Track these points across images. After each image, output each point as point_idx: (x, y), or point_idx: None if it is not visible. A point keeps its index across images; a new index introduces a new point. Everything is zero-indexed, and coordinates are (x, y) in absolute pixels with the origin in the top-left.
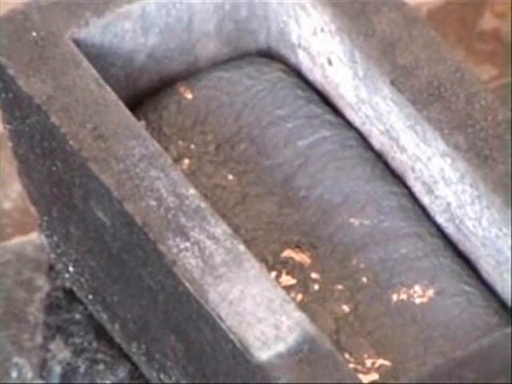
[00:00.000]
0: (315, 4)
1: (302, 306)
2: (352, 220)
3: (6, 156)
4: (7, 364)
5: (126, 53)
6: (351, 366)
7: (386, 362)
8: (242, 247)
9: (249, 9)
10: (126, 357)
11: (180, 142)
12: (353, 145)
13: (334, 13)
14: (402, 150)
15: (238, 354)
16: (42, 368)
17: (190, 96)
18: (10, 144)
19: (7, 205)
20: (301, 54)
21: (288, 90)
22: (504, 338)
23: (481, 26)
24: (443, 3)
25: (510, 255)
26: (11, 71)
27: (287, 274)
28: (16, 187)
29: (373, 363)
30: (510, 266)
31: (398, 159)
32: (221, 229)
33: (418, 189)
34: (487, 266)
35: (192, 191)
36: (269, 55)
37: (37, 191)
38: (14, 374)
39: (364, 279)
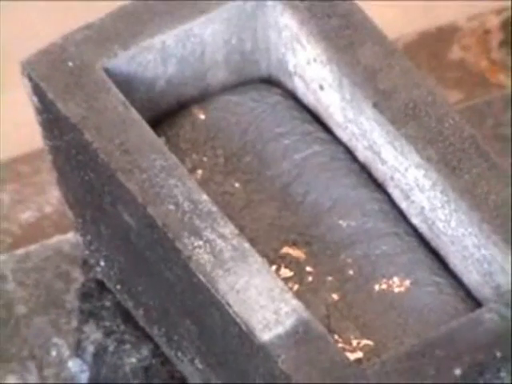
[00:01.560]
0: (309, 38)
1: (298, 295)
2: (340, 222)
3: (46, 168)
4: (48, 344)
5: (148, 80)
6: (340, 345)
7: (370, 342)
8: (246, 245)
9: (252, 43)
10: (148, 338)
11: (194, 156)
12: (341, 158)
13: (325, 46)
14: (383, 162)
15: (244, 336)
16: (77, 347)
17: (202, 116)
18: (49, 157)
19: (48, 209)
20: (296, 80)
21: (285, 111)
22: (469, 322)
23: (449, 57)
24: (417, 38)
25: (473, 251)
26: (51, 95)
27: (285, 267)
28: (55, 194)
29: (358, 343)
30: (474, 260)
31: (380, 170)
32: (229, 229)
33: (396, 195)
34: (455, 260)
35: (204, 197)
36: (269, 82)
37: (72, 197)
38: (54, 353)
39: (351, 272)
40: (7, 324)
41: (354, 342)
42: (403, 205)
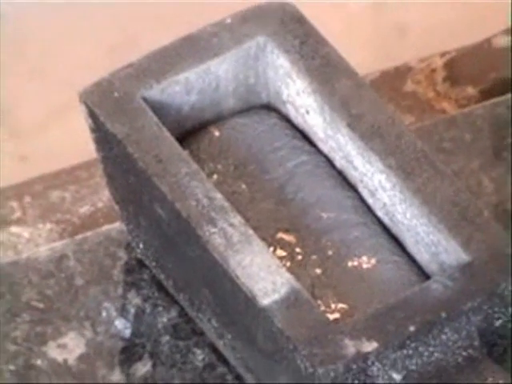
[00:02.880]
0: (298, 75)
1: (290, 270)
2: (322, 214)
3: (98, 173)
4: (99, 307)
5: (176, 107)
6: (321, 308)
7: (345, 306)
8: (250, 231)
9: (255, 78)
10: (176, 303)
11: (210, 164)
12: (323, 165)
13: (310, 80)
14: (355, 168)
15: (248, 301)
16: (122, 310)
17: (217, 134)
18: (101, 165)
19: (100, 204)
20: (289, 107)
21: (280, 130)
22: (421, 290)
23: (404, 89)
24: (380, 75)
25: (424, 237)
26: (101, 118)
27: (280, 249)
28: (105, 193)
29: (335, 307)
30: (424, 243)
31: (352, 175)
32: (237, 220)
33: (364, 194)
34: (409, 244)
35: (219, 195)
36: (268, 108)
37: (119, 196)
38: (104, 314)
39: (330, 252)
40: (69, 292)
41: (333, 306)
42: (370, 201)
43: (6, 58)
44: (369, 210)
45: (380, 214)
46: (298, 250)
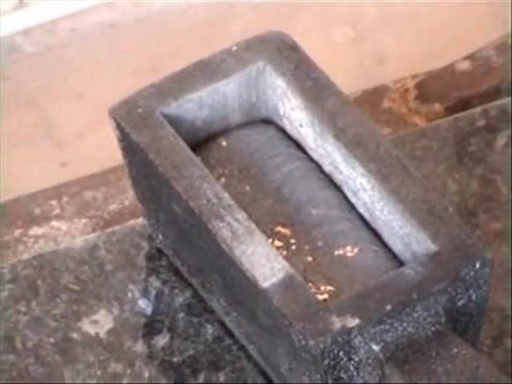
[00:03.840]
0: (293, 94)
1: (285, 258)
2: (313, 211)
3: (125, 176)
4: (126, 289)
5: (190, 120)
6: (312, 290)
7: (332, 288)
8: (253, 225)
9: (256, 96)
10: (190, 285)
11: (219, 169)
12: (313, 170)
13: (303, 99)
14: (340, 172)
15: (251, 284)
16: (144, 291)
17: (224, 143)
18: (127, 169)
19: (126, 203)
20: (285, 121)
21: (278, 140)
22: (396, 275)
23: (382, 106)
24: (362, 94)
25: (398, 230)
26: (127, 130)
27: (277, 240)
28: (131, 193)
29: (324, 289)
30: (398, 235)
31: (338, 178)
32: (241, 216)
33: (349, 194)
34: (386, 236)
35: (226, 195)
36: (267, 121)
37: (142, 195)
38: (129, 295)
39: (319, 243)
40: (100, 277)
41: (322, 288)
42: (353, 200)
43: (50, 82)
44: (352, 207)
45: (361, 210)
46: (292, 241)
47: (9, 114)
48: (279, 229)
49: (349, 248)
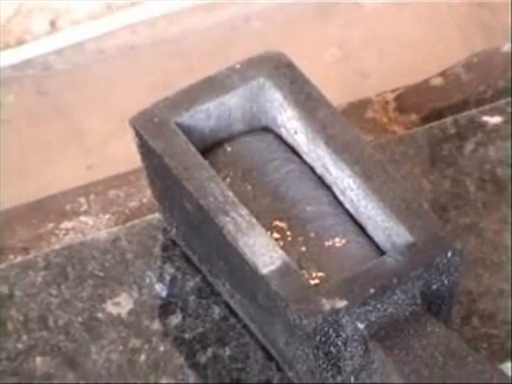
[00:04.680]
0: (289, 106)
1: (282, 248)
2: (307, 207)
3: (143, 177)
4: (144, 275)
5: (199, 129)
6: (306, 276)
7: (323, 274)
8: (254, 220)
9: (257, 108)
10: (199, 271)
11: (225, 171)
12: (307, 172)
13: (298, 110)
14: (330, 174)
15: (252, 270)
16: (160, 276)
17: (229, 149)
18: (145, 171)
19: (145, 200)
20: (282, 129)
21: (276, 146)
22: (378, 263)
23: (366, 116)
24: (348, 106)
25: (381, 223)
26: (145, 137)
27: (275, 233)
28: (148, 192)
29: (316, 275)
30: (381, 228)
31: (328, 178)
32: (244, 212)
33: (337, 193)
34: (370, 229)
35: (231, 194)
36: (267, 130)
37: (158, 193)
38: (147, 280)
39: (312, 235)
40: (121, 264)
41: (314, 275)
42: (341, 198)
43: (79, 95)
44: (340, 204)
45: (348, 207)
46: (288, 233)
47: (44, 123)
48: (277, 223)
49: (337, 239)
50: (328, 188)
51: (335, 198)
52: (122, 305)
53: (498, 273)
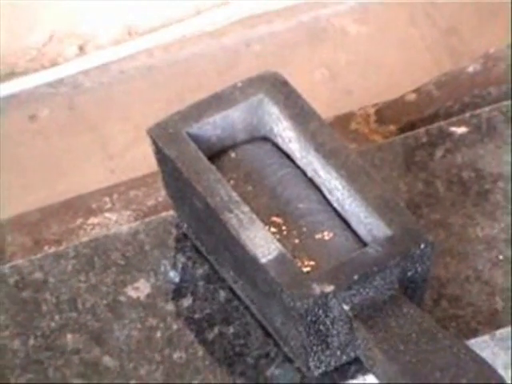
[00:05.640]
0: (284, 118)
1: (279, 241)
2: (299, 205)
3: (159, 179)
4: (159, 263)
5: (207, 138)
6: (299, 265)
7: (313, 263)
8: (254, 216)
9: (257, 120)
10: (207, 261)
11: (229, 174)
12: (300, 175)
13: (292, 122)
14: (319, 176)
15: (253, 260)
16: (174, 265)
17: (233, 155)
18: (161, 174)
19: (160, 199)
20: (278, 138)
21: (273, 152)
22: (361, 253)
23: (350, 128)
24: (335, 118)
25: (363, 219)
26: (160, 145)
27: (273, 227)
28: (163, 192)
29: (307, 264)
30: (363, 223)
31: (318, 180)
32: (246, 209)
33: (326, 193)
34: (354, 224)
35: (234, 194)
36: (265, 139)
37: (172, 193)
38: (162, 268)
39: (304, 229)
40: (140, 254)
41: (306, 263)
42: (329, 197)
43: (104, 110)
44: (328, 202)
45: (335, 205)
46: (283, 228)
47: (73, 134)
48: (274, 218)
49: (326, 233)
50: (318, 188)
51: (324, 197)
52: (140, 289)
53: (463, 261)
